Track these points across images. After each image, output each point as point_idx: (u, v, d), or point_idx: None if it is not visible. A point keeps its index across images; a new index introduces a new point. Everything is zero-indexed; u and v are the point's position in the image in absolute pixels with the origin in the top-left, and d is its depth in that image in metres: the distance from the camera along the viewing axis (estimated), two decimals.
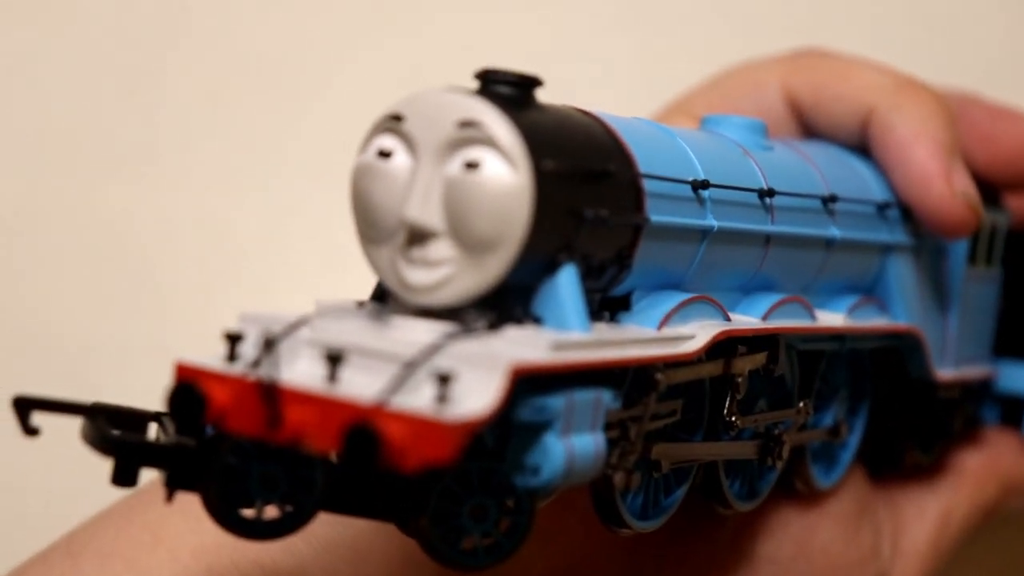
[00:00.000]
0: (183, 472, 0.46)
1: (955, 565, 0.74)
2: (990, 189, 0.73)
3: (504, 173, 0.46)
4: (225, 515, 0.46)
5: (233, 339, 0.46)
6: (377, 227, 0.48)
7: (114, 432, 0.47)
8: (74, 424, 0.49)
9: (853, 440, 0.67)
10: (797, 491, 0.65)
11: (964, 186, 0.66)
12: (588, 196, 0.48)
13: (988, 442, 0.75)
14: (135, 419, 0.49)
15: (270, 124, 0.92)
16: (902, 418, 0.70)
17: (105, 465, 0.47)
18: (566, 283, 0.48)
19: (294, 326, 0.46)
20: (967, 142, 0.71)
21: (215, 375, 0.45)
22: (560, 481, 0.46)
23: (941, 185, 0.65)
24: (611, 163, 0.50)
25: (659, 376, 0.50)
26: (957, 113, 0.71)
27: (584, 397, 0.47)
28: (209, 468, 0.46)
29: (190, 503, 0.48)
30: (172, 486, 0.47)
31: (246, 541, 0.47)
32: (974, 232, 0.67)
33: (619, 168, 0.50)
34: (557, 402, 0.46)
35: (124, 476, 0.47)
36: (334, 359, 0.44)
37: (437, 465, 0.42)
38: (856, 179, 0.65)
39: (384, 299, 0.50)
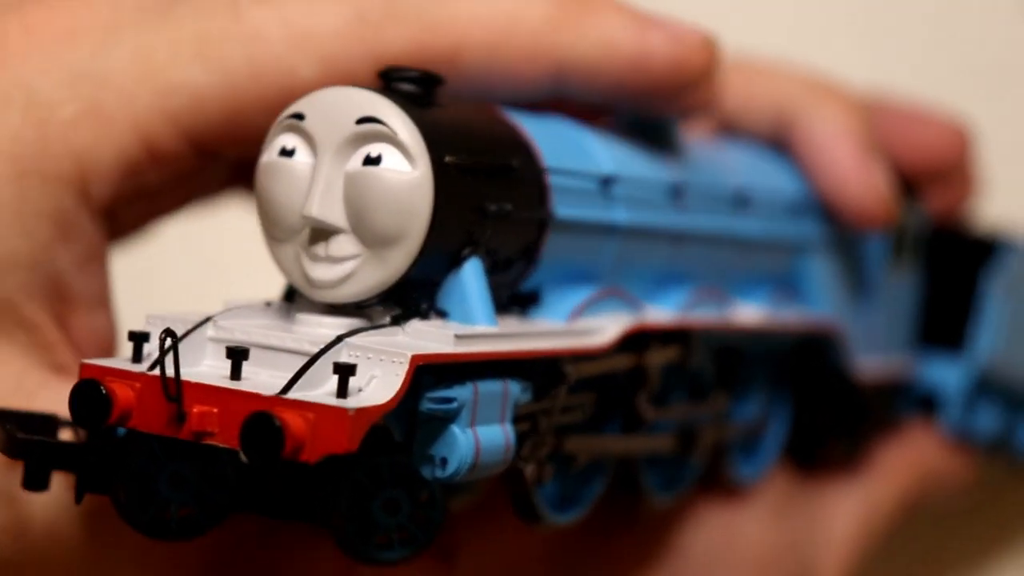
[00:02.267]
0: (94, 475, 0.47)
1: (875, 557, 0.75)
2: (909, 186, 0.74)
3: (404, 168, 0.47)
4: (136, 517, 0.47)
5: (138, 338, 0.46)
6: (281, 225, 0.48)
7: (21, 435, 0.47)
8: None
9: (776, 434, 0.68)
10: (720, 485, 0.65)
11: (879, 180, 0.67)
12: (491, 191, 0.49)
13: (908, 435, 0.76)
14: (45, 423, 0.49)
15: None
16: (824, 411, 0.70)
17: None
18: (471, 277, 0.48)
19: (198, 325, 0.47)
20: (885, 142, 0.72)
21: (119, 372, 0.45)
22: (468, 472, 0.47)
23: (856, 179, 0.66)
24: (514, 158, 0.50)
25: (568, 369, 0.50)
26: (873, 113, 0.72)
27: (490, 388, 0.47)
28: (119, 470, 0.46)
29: None
30: (82, 490, 0.47)
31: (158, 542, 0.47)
32: (888, 225, 0.68)
33: (523, 163, 0.50)
34: (462, 393, 0.46)
35: (35, 480, 0.47)
36: (237, 355, 0.45)
37: (338, 454, 0.42)
38: (771, 174, 0.66)
39: (292, 298, 0.50)
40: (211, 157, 0.55)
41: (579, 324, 0.52)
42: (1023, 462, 0.84)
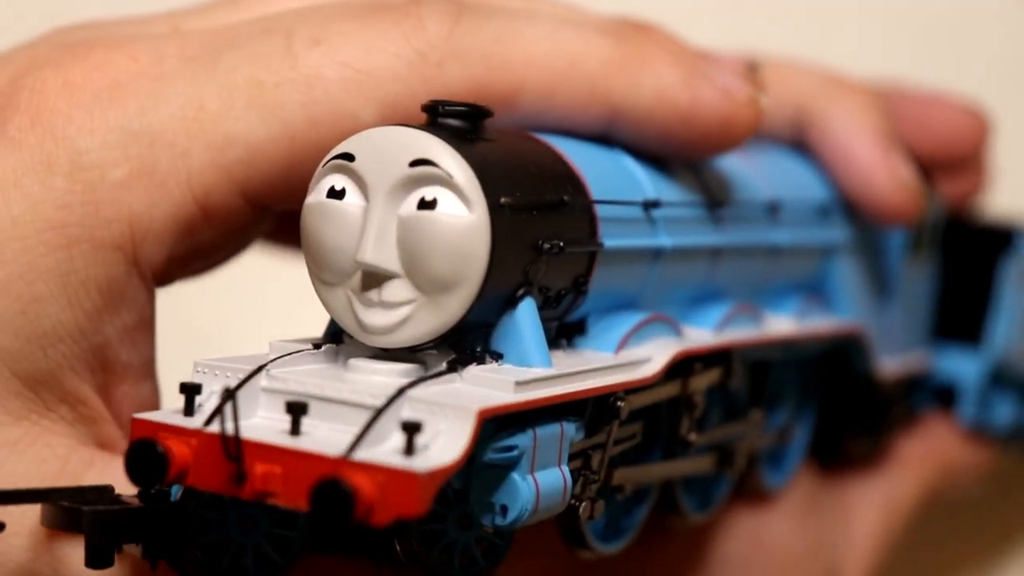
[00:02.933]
0: (160, 540, 0.45)
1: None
2: (924, 176, 0.73)
3: (460, 211, 0.45)
4: (214, 570, 0.46)
5: (190, 391, 0.45)
6: (331, 269, 0.47)
7: (86, 508, 0.45)
8: None
9: (801, 440, 0.67)
10: (748, 493, 0.65)
11: (905, 174, 0.66)
12: (544, 228, 0.48)
13: (926, 429, 0.77)
14: (98, 495, 0.47)
15: None
16: (846, 410, 0.70)
17: None
18: (526, 318, 0.47)
19: (251, 375, 0.45)
20: (901, 130, 0.72)
21: (174, 429, 0.44)
22: (527, 519, 0.46)
23: (883, 175, 0.66)
24: (565, 192, 0.49)
25: (621, 404, 0.50)
26: (889, 103, 0.71)
27: (549, 432, 0.46)
28: (186, 526, 0.45)
29: None
30: (153, 557, 0.46)
31: None
32: (916, 219, 0.67)
33: (573, 196, 0.49)
34: (523, 440, 0.45)
35: (100, 557, 0.46)
36: (296, 410, 0.44)
37: (407, 518, 0.41)
38: (797, 179, 0.65)
39: (339, 339, 0.49)
40: (266, 210, 0.52)
41: (628, 355, 0.51)
42: None
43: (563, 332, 0.52)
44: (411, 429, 0.42)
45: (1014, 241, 0.78)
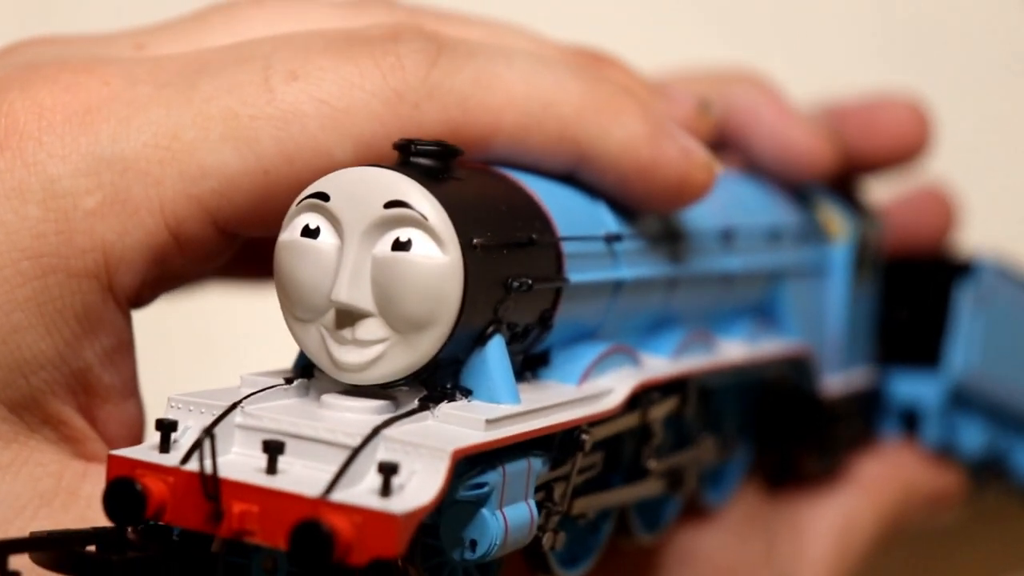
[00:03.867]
0: None
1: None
2: (863, 203, 0.76)
3: (434, 253, 0.46)
4: None
5: (166, 427, 0.46)
6: (305, 306, 0.48)
7: (114, 556, 0.45)
8: None
9: (742, 457, 0.68)
10: (689, 510, 0.66)
11: (815, 122, 0.70)
12: (513, 265, 0.49)
13: (888, 452, 0.77)
14: (98, 539, 0.46)
15: None
16: (793, 427, 0.71)
17: None
18: (495, 356, 0.48)
19: (225, 412, 0.46)
20: (851, 139, 0.74)
21: (151, 467, 0.45)
22: (495, 553, 0.47)
23: (796, 125, 0.70)
24: (533, 230, 0.50)
25: (585, 437, 0.51)
26: (831, 111, 0.74)
27: (517, 468, 0.47)
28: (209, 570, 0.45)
29: None
30: None
31: None
32: (836, 164, 0.70)
33: (540, 234, 0.50)
34: (493, 477, 0.46)
35: None
36: (273, 449, 0.44)
37: (385, 558, 0.42)
38: (747, 204, 0.66)
39: (309, 372, 0.50)
40: (237, 237, 0.53)
41: (590, 387, 0.52)
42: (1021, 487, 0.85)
43: (528, 364, 0.53)
44: (388, 471, 0.43)
45: (972, 268, 0.79)
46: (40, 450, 0.51)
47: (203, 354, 0.93)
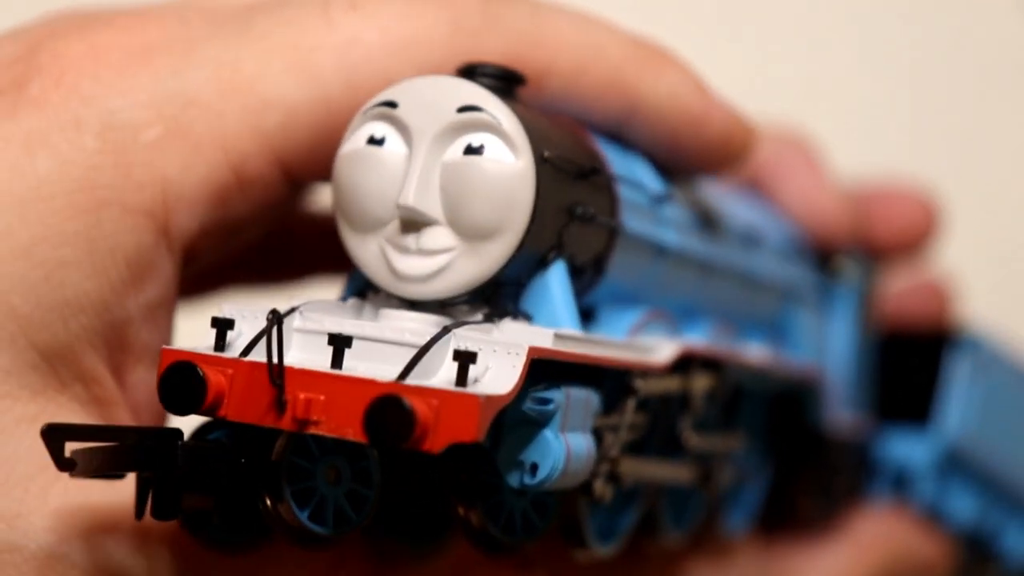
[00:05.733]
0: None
1: None
2: (874, 253, 0.76)
3: (508, 158, 0.45)
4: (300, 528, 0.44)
5: (222, 325, 0.44)
6: (366, 216, 0.46)
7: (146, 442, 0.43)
8: None
9: (758, 489, 0.67)
10: (707, 540, 0.64)
11: (844, 194, 0.70)
12: (578, 192, 0.48)
13: (881, 513, 0.76)
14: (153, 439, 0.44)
15: None
16: (797, 468, 0.70)
17: None
18: (557, 280, 0.47)
19: (289, 311, 0.44)
20: (867, 224, 0.75)
21: (210, 358, 0.43)
22: (556, 481, 0.45)
23: (828, 194, 0.70)
24: (596, 163, 0.49)
25: (639, 383, 0.49)
26: (857, 197, 0.75)
27: (579, 395, 0.46)
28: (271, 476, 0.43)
29: None
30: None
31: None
32: (849, 243, 0.70)
33: (601, 169, 0.49)
34: (558, 396, 0.44)
35: (166, 507, 0.43)
36: (340, 342, 0.42)
37: (463, 442, 0.40)
38: (769, 221, 0.66)
39: (363, 295, 0.48)
40: (297, 185, 0.51)
41: (641, 341, 0.51)
42: (1013, 573, 0.84)
43: None
44: (465, 358, 0.41)
45: (965, 339, 0.79)
46: (68, 408, 0.48)
47: None
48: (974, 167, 0.97)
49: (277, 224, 0.57)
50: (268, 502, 0.44)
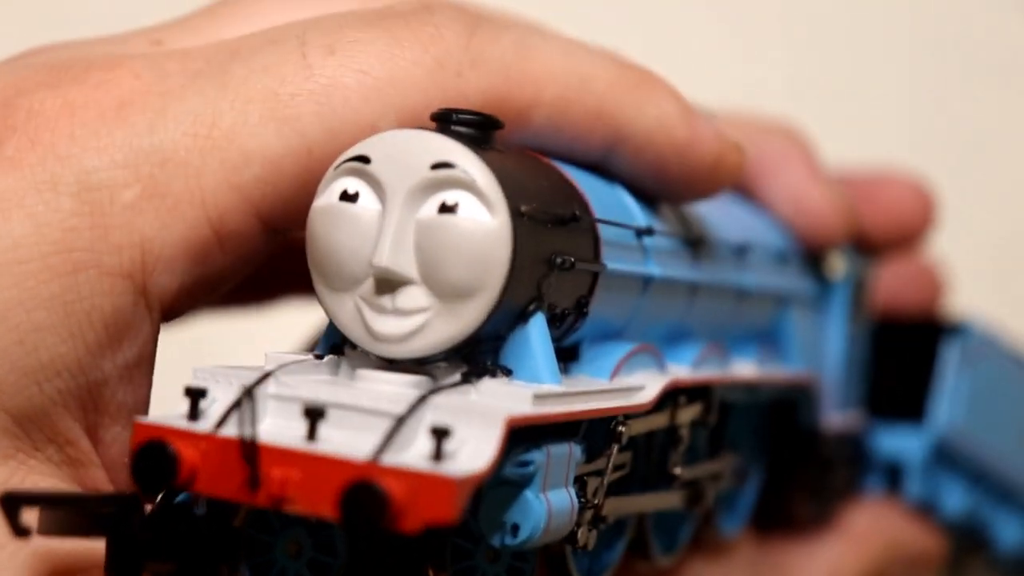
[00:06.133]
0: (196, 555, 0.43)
1: None
2: (868, 244, 0.74)
3: (482, 216, 0.44)
4: None
5: (195, 395, 0.43)
6: (341, 274, 0.45)
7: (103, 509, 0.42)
8: None
9: (752, 490, 0.66)
10: (702, 542, 0.64)
11: (836, 191, 0.68)
12: (557, 241, 0.47)
13: (874, 506, 0.76)
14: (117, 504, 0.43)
15: None
16: (791, 469, 0.69)
17: None
18: (537, 333, 0.46)
19: (259, 380, 0.43)
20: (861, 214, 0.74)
21: (183, 432, 0.42)
22: (537, 540, 0.44)
23: (817, 190, 0.68)
24: (574, 208, 0.48)
25: (621, 428, 0.48)
26: (849, 186, 0.73)
27: (560, 451, 0.45)
28: (231, 546, 0.42)
29: None
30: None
31: None
32: (850, 233, 0.69)
33: (582, 214, 0.48)
34: (538, 457, 0.44)
35: (126, 572, 0.42)
36: (314, 415, 0.42)
37: (439, 524, 0.39)
38: (756, 227, 0.65)
39: (339, 351, 0.47)
40: (277, 233, 0.49)
41: (623, 382, 0.50)
42: (1003, 561, 0.84)
43: (559, 357, 0.51)
44: (440, 434, 0.40)
45: (960, 328, 0.78)
46: (39, 471, 0.47)
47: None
48: (967, 160, 0.96)
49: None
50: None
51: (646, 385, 0.51)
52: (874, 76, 1.01)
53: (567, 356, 0.51)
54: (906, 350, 0.78)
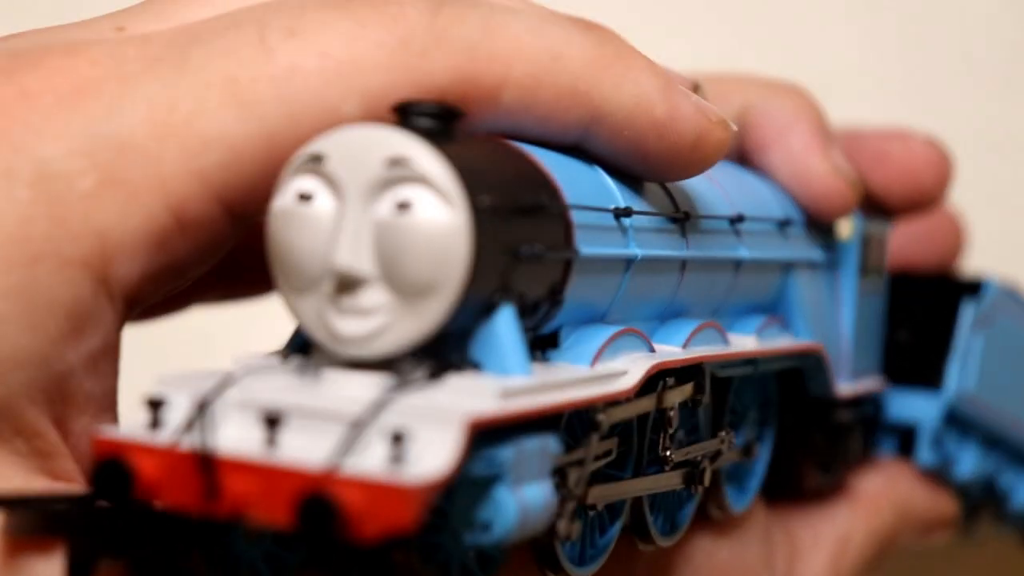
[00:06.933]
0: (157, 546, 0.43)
1: None
2: (879, 205, 0.73)
3: (439, 212, 0.43)
4: None
5: (155, 405, 0.43)
6: (301, 276, 0.44)
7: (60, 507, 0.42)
8: None
9: (761, 462, 0.65)
10: (711, 517, 0.63)
11: (841, 163, 0.66)
12: (522, 232, 0.46)
13: (884, 470, 0.75)
14: (72, 503, 0.43)
15: None
16: (801, 439, 0.68)
17: None
18: (505, 326, 0.45)
19: (221, 387, 0.43)
20: (861, 165, 0.72)
21: (141, 446, 0.41)
22: (513, 536, 0.44)
23: (819, 162, 0.66)
24: (542, 196, 0.47)
25: (601, 417, 0.48)
26: (849, 138, 0.71)
27: (532, 446, 0.44)
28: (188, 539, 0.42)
29: None
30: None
31: None
32: (852, 208, 0.67)
33: (549, 201, 0.47)
34: (508, 453, 0.43)
35: (79, 570, 0.42)
36: (272, 421, 0.41)
37: (398, 533, 0.39)
38: (755, 195, 0.64)
39: (307, 351, 0.46)
40: (241, 219, 0.49)
41: (603, 368, 0.49)
42: (1014, 525, 0.83)
43: (536, 345, 0.50)
44: (397, 439, 0.40)
45: (978, 287, 0.77)
46: (7, 462, 0.46)
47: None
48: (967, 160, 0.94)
49: (241, 241, 0.56)
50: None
51: (629, 370, 0.50)
52: (873, 76, 1.00)
53: (547, 344, 0.50)
54: (923, 310, 0.77)
